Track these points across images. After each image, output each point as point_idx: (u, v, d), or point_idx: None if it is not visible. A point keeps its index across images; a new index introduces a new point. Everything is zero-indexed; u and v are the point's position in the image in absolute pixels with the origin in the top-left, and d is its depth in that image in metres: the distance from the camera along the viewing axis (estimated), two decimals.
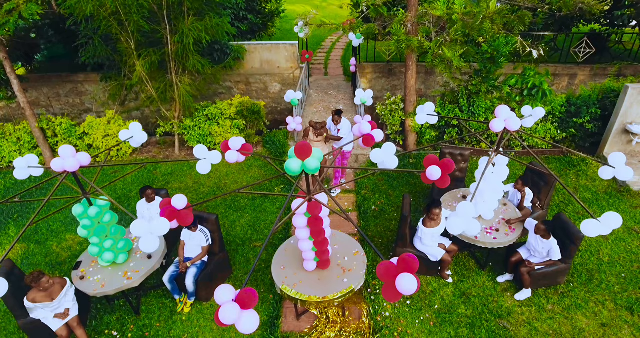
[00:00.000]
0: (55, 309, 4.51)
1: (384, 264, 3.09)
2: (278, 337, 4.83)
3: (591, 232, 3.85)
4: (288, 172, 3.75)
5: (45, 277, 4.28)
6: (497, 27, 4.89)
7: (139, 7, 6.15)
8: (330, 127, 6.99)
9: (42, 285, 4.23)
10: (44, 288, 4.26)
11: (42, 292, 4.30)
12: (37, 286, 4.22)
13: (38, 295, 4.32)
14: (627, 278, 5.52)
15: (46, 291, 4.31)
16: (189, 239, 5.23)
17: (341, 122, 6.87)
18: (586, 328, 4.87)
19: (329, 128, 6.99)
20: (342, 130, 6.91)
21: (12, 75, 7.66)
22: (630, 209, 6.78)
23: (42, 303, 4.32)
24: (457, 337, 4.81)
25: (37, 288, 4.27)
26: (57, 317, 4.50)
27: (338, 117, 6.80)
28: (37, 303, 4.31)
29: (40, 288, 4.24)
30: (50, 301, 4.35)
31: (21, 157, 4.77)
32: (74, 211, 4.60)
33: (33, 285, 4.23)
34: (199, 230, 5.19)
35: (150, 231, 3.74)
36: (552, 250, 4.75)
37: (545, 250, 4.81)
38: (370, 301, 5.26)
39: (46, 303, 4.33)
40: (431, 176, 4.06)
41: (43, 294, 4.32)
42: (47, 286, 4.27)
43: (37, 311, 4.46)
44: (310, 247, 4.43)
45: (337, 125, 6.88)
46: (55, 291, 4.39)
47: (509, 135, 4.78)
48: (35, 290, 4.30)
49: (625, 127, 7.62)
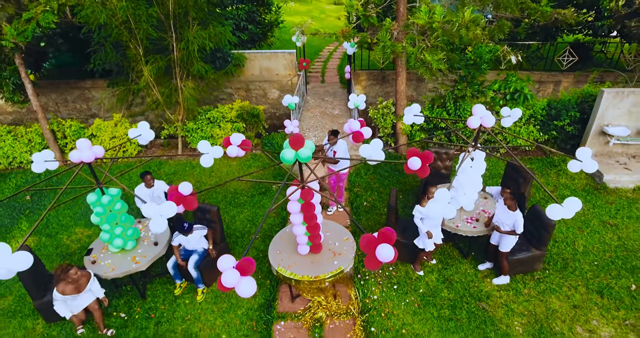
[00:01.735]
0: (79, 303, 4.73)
1: (366, 236, 3.54)
2: (274, 317, 5.23)
3: (555, 215, 4.27)
4: (284, 161, 4.23)
5: (73, 268, 4.52)
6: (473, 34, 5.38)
7: (148, 16, 6.68)
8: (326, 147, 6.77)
9: (71, 276, 4.47)
10: (72, 279, 4.49)
11: (71, 284, 4.53)
12: (66, 277, 4.44)
13: (67, 287, 4.54)
14: (599, 265, 5.94)
15: (75, 283, 4.54)
16: (187, 242, 5.40)
17: (337, 144, 6.68)
18: (559, 309, 5.27)
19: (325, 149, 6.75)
20: (338, 152, 6.76)
21: (26, 79, 8.16)
22: (605, 205, 7.22)
23: (71, 295, 4.54)
24: (439, 317, 5.21)
25: (66, 281, 4.49)
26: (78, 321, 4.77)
27: (334, 137, 6.58)
28: (66, 295, 4.52)
29: (69, 279, 4.46)
30: (78, 293, 4.57)
31: (38, 152, 5.24)
32: (88, 199, 5.04)
33: (62, 276, 4.45)
34: (195, 229, 5.38)
35: (160, 213, 4.20)
36: (517, 222, 5.04)
37: (511, 222, 5.10)
38: (360, 286, 5.66)
39: (74, 296, 4.54)
40: (412, 166, 4.54)
41: (72, 287, 4.55)
42: (75, 277, 4.50)
43: (60, 305, 4.65)
44: (303, 232, 4.87)
45: (333, 147, 6.70)
46: (82, 284, 4.63)
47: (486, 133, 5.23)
48: (64, 282, 4.51)
49: (602, 129, 8.10)
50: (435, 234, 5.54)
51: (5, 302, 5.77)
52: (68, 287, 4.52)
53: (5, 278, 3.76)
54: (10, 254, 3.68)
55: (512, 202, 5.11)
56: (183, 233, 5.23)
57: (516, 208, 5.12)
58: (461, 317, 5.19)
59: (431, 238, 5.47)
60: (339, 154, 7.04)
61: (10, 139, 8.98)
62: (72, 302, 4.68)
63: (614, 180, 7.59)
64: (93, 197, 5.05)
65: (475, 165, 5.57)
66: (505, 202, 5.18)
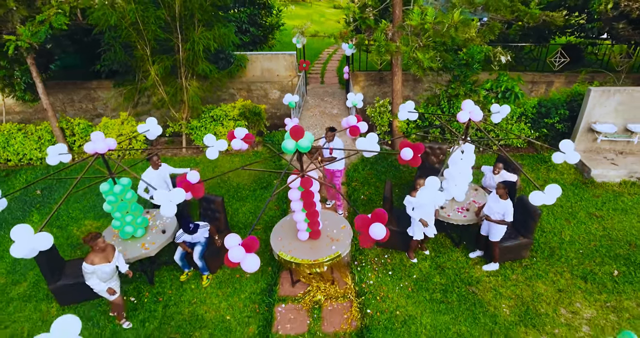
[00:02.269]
0: (112, 274, 4.86)
1: (360, 216, 3.88)
2: (276, 300, 5.54)
3: (537, 201, 4.60)
4: (285, 150, 4.57)
5: (101, 237, 4.68)
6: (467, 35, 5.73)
7: (156, 18, 7.03)
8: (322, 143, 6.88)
9: (99, 244, 4.62)
10: (100, 248, 4.64)
11: (99, 253, 4.67)
12: (94, 245, 4.60)
13: (96, 257, 4.67)
14: (584, 253, 6.26)
15: (103, 252, 4.69)
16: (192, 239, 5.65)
17: (334, 141, 6.74)
18: (544, 293, 5.58)
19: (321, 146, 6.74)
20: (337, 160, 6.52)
21: (37, 79, 8.51)
22: (592, 198, 7.54)
23: (100, 265, 4.67)
24: (431, 300, 5.52)
25: (94, 250, 4.65)
26: (108, 291, 4.87)
27: (331, 134, 6.65)
28: (95, 265, 4.65)
29: (97, 247, 4.61)
30: (108, 262, 4.73)
31: (53, 146, 5.58)
32: (101, 188, 5.37)
33: (91, 243, 4.61)
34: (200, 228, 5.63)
35: (170, 199, 4.53)
36: (507, 211, 5.33)
37: (502, 211, 5.42)
38: (357, 272, 5.97)
39: (105, 265, 4.69)
40: (405, 156, 4.89)
41: (100, 256, 4.69)
42: (102, 246, 4.65)
43: (93, 278, 4.72)
44: (303, 218, 5.19)
45: (330, 143, 6.75)
46: (109, 253, 4.78)
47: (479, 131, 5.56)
48: (93, 253, 4.67)
49: (590, 126, 8.43)
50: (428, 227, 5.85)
51: (21, 287, 6.08)
52: (97, 257, 4.64)
53: (29, 257, 4.08)
54: (33, 235, 4.02)
55: (504, 192, 5.41)
56: (188, 233, 5.50)
57: (507, 198, 5.42)
58: (452, 300, 5.50)
59: (426, 226, 5.78)
60: (336, 152, 7.38)
61: (20, 137, 9.31)
62: (103, 275, 4.76)
63: (601, 174, 7.92)
64: (106, 186, 5.37)
65: (465, 157, 5.91)
66: (497, 191, 5.48)
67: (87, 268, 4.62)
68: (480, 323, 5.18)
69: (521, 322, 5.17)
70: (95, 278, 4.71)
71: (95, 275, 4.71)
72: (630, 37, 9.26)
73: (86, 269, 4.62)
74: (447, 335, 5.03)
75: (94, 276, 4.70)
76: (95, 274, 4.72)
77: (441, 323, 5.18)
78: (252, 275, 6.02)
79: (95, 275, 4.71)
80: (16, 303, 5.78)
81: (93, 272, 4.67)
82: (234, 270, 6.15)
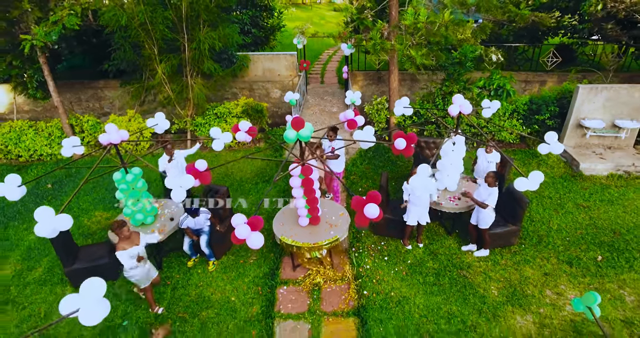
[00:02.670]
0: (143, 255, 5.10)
1: (356, 197, 4.22)
2: (278, 282, 5.88)
3: (522, 187, 4.95)
4: (286, 140, 4.92)
5: (126, 225, 4.95)
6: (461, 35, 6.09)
7: (164, 18, 7.41)
8: (325, 143, 7.01)
9: (124, 232, 4.89)
10: (125, 236, 4.91)
11: (126, 240, 4.93)
12: (120, 233, 4.87)
13: (125, 243, 4.92)
14: (571, 241, 6.59)
15: (129, 239, 4.95)
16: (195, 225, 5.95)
17: (335, 140, 6.78)
18: (531, 276, 5.91)
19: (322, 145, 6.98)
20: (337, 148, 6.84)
21: (49, 77, 8.88)
22: (580, 190, 7.88)
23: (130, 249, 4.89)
24: (424, 283, 5.85)
25: (121, 238, 4.92)
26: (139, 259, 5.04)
27: (333, 134, 6.70)
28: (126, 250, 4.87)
29: (122, 235, 4.88)
30: (137, 245, 4.98)
31: (67, 138, 5.94)
32: (114, 177, 5.73)
33: (117, 231, 4.88)
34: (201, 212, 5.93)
35: (180, 185, 4.88)
36: (491, 195, 5.62)
37: (487, 195, 5.75)
38: (354, 257, 6.31)
39: (135, 248, 4.93)
40: (398, 146, 5.24)
41: (127, 242, 4.94)
42: (127, 234, 4.93)
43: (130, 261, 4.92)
44: (303, 205, 5.53)
45: (332, 142, 6.84)
46: (135, 238, 5.03)
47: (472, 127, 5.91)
48: (120, 240, 4.93)
49: (579, 122, 8.78)
50: (421, 215, 6.19)
51: (36, 273, 6.42)
52: (126, 243, 4.91)
53: (50, 236, 4.45)
54: (54, 216, 4.37)
55: (492, 180, 5.73)
56: (191, 214, 5.80)
57: (494, 185, 5.74)
58: (444, 283, 5.83)
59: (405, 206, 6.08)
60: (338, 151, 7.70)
61: (31, 133, 9.67)
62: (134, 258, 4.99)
63: (589, 168, 8.25)
64: (118, 175, 5.73)
65: (456, 149, 6.26)
66: (487, 179, 5.80)
67: (120, 255, 4.85)
68: (470, 303, 5.51)
69: (508, 302, 5.49)
70: (129, 259, 4.92)
71: (130, 259, 4.94)
72: (618, 37, 9.62)
73: (120, 256, 4.85)
74: (439, 313, 5.35)
75: (129, 258, 4.91)
76: (133, 271, 5.01)
77: (433, 303, 5.51)
78: (255, 260, 6.36)
79: (131, 259, 4.94)
80: (32, 287, 6.12)
81: (129, 256, 4.91)
82: (238, 256, 6.49)
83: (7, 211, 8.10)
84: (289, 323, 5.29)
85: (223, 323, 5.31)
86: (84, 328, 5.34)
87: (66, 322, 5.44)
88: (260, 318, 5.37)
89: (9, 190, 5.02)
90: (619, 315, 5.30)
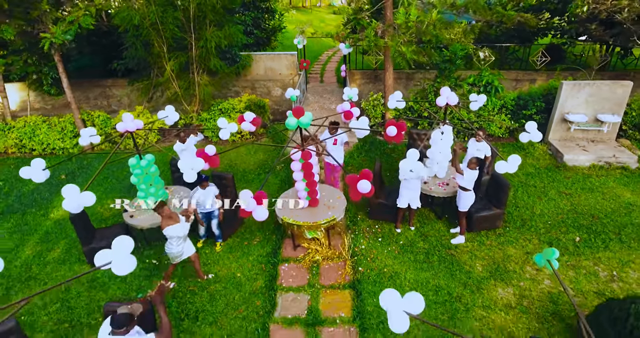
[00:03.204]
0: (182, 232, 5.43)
1: (350, 175, 4.72)
2: (279, 260, 6.37)
3: (501, 169, 5.47)
4: (288, 127, 5.43)
5: (166, 205, 5.38)
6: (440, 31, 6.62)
7: (174, 18, 7.95)
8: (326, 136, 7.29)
9: (165, 211, 5.32)
10: (167, 215, 5.33)
11: (168, 218, 5.35)
12: (162, 212, 5.31)
13: (168, 222, 5.34)
14: (552, 224, 7.08)
15: (171, 218, 5.37)
16: (205, 196, 6.34)
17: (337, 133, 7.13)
18: (513, 255, 6.40)
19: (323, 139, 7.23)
20: (338, 138, 7.30)
21: (63, 74, 9.40)
22: (564, 179, 8.38)
23: (172, 225, 5.32)
24: (415, 260, 6.34)
25: (163, 217, 5.35)
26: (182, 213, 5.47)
27: (333, 127, 7.07)
28: (169, 226, 5.32)
29: (163, 214, 5.32)
30: (178, 223, 5.37)
31: (85, 128, 6.46)
32: (130, 162, 6.24)
33: (159, 211, 5.33)
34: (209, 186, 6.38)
35: (191, 167, 5.39)
36: (469, 177, 6.10)
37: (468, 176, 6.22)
38: (351, 239, 6.80)
39: (175, 225, 5.32)
40: (390, 133, 5.75)
41: (169, 220, 5.35)
42: (168, 213, 5.36)
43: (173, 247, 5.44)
44: (303, 187, 6.03)
45: (333, 135, 7.17)
46: (174, 217, 5.42)
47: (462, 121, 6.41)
48: (163, 219, 5.36)
49: (564, 116, 9.29)
50: (412, 198, 6.67)
51: (55, 253, 6.91)
52: (168, 222, 5.35)
53: (76, 211, 4.95)
54: (79, 193, 4.87)
55: (474, 165, 6.22)
56: (201, 184, 6.20)
57: (474, 169, 6.20)
58: (433, 261, 6.33)
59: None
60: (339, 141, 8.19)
61: (45, 128, 10.18)
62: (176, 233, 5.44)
63: (572, 159, 8.76)
64: (133, 160, 6.24)
65: (445, 138, 6.77)
66: (469, 165, 6.30)
67: (166, 231, 5.32)
68: (456, 278, 6.00)
69: (491, 277, 5.99)
70: (175, 237, 5.40)
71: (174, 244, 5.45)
72: (602, 37, 10.15)
73: (166, 232, 5.32)
74: (427, 286, 5.84)
75: (173, 236, 5.38)
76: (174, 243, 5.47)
77: (422, 278, 6.00)
78: (259, 242, 6.85)
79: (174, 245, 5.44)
80: (52, 265, 6.61)
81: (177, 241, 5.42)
82: (243, 238, 6.98)
83: (24, 200, 8.60)
84: (290, 295, 5.78)
85: (230, 295, 5.80)
86: (101, 300, 5.83)
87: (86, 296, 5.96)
88: (263, 291, 5.86)
89: (35, 173, 5.53)
90: (592, 288, 5.80)
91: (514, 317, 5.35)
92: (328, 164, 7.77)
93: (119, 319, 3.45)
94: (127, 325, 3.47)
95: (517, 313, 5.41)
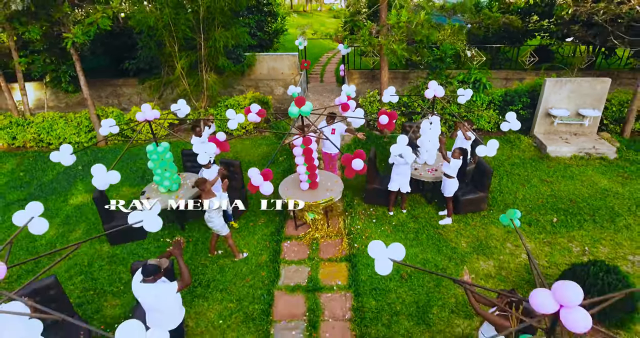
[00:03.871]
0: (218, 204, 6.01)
1: (345, 155, 5.37)
2: (282, 238, 7.01)
3: (482, 152, 6.09)
4: (290, 115, 6.08)
5: (207, 181, 5.97)
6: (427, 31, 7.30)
7: (185, 20, 8.65)
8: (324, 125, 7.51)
9: (207, 186, 5.92)
10: (208, 189, 5.94)
11: (208, 193, 5.95)
12: (204, 187, 5.90)
13: (207, 196, 5.94)
14: (532, 207, 7.71)
15: (209, 192, 5.98)
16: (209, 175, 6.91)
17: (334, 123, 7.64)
18: (495, 233, 7.03)
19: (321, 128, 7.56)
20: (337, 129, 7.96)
21: (80, 72, 10.08)
22: (546, 168, 9.01)
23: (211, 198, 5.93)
24: (406, 238, 6.97)
25: (204, 192, 5.94)
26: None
27: (331, 119, 7.56)
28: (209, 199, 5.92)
29: (205, 188, 5.90)
30: (215, 196, 6.00)
31: (105, 119, 7.11)
32: (147, 149, 6.89)
33: (201, 187, 5.91)
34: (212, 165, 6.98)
35: (205, 150, 6.05)
36: (452, 165, 6.68)
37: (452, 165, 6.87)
38: (348, 220, 7.43)
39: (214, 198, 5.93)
40: (382, 121, 6.40)
41: (208, 194, 5.95)
42: (208, 188, 5.95)
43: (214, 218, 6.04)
44: (304, 171, 6.68)
45: (331, 125, 7.61)
46: (212, 193, 6.01)
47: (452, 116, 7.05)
48: (204, 193, 5.94)
49: (548, 111, 9.94)
50: (402, 183, 7.29)
51: (76, 234, 7.55)
52: (208, 196, 5.95)
53: (102, 188, 5.62)
54: (106, 172, 5.52)
55: (457, 154, 6.87)
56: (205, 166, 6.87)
57: (458, 158, 6.83)
58: (422, 239, 6.95)
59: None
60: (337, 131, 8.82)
61: (62, 123, 10.85)
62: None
63: (555, 150, 9.40)
64: (151, 147, 6.89)
65: (433, 127, 7.41)
66: (453, 154, 6.94)
67: (206, 202, 5.91)
68: (443, 253, 6.62)
69: (474, 252, 6.61)
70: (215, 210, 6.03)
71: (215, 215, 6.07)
72: (585, 38, 10.82)
73: (210, 206, 5.91)
74: (416, 260, 6.47)
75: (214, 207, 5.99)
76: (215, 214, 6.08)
77: (412, 253, 6.62)
78: (263, 223, 7.49)
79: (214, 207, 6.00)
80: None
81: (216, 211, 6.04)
82: (248, 220, 7.62)
83: (45, 188, 9.25)
84: (292, 267, 6.41)
85: (237, 267, 6.43)
86: (121, 272, 6.46)
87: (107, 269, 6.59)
88: (268, 264, 6.49)
89: (64, 157, 6.16)
90: (565, 261, 6.41)
91: (493, 285, 5.97)
92: (326, 155, 8.41)
93: (148, 268, 4.07)
94: (155, 274, 4.10)
95: (496, 281, 6.03)
